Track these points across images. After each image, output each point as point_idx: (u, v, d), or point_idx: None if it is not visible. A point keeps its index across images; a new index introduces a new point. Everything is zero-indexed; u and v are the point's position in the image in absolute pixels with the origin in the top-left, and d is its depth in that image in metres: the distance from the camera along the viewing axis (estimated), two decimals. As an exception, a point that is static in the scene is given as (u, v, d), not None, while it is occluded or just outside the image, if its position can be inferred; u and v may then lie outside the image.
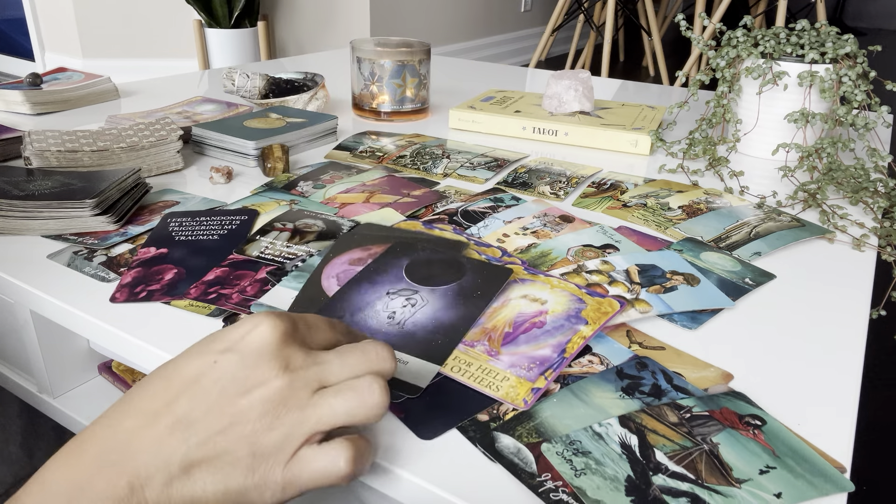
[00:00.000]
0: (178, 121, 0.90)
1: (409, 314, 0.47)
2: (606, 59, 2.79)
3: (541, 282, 0.52)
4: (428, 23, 3.02)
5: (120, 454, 0.31)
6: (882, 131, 0.97)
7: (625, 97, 1.18)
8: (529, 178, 0.76)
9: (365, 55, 0.96)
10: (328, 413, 0.32)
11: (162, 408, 0.32)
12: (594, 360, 0.44)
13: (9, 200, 0.59)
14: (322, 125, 0.87)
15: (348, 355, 0.34)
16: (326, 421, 0.32)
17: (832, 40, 0.81)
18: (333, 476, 0.32)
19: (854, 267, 0.59)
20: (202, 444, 0.31)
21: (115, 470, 0.31)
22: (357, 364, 0.34)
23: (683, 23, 0.83)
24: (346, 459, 0.32)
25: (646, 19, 3.10)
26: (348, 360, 0.34)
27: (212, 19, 2.47)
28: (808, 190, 0.72)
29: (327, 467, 0.32)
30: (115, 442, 0.31)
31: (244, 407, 0.32)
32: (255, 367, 0.32)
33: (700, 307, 0.51)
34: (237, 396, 0.32)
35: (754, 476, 0.35)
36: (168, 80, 1.21)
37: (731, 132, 0.89)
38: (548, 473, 0.35)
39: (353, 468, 0.32)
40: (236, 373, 0.32)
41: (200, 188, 0.72)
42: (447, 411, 0.39)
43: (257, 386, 0.32)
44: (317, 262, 0.55)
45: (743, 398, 0.41)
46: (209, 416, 0.31)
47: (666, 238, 0.63)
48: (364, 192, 0.70)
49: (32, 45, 2.85)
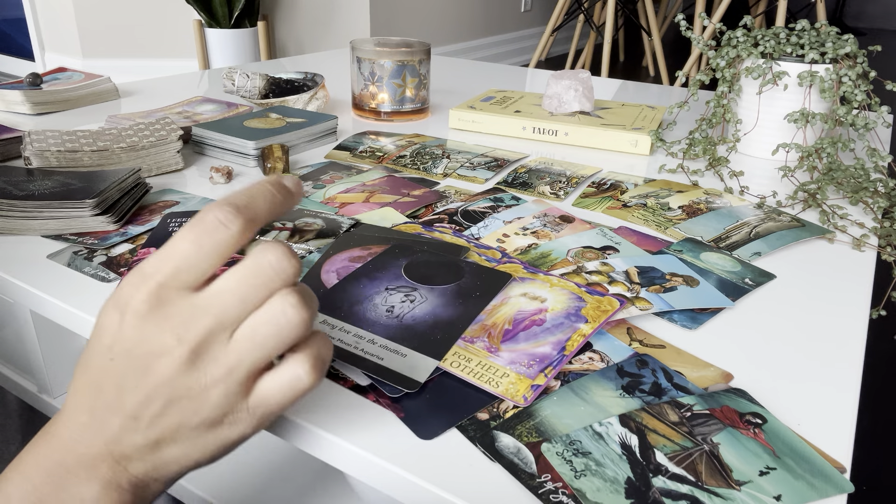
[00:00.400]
0: (178, 121, 0.90)
1: (408, 308, 0.47)
2: (606, 59, 2.79)
3: (540, 280, 0.52)
4: (428, 23, 3.02)
5: (87, 447, 0.32)
6: (882, 131, 0.97)
7: (625, 97, 1.18)
8: (529, 178, 0.76)
9: (365, 55, 0.96)
10: (256, 351, 0.31)
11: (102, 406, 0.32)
12: (594, 357, 0.44)
13: (9, 200, 0.59)
14: (322, 125, 0.87)
15: (242, 285, 0.31)
16: (257, 358, 0.31)
17: (832, 40, 0.81)
18: (301, 391, 0.32)
19: (854, 267, 0.59)
20: (152, 428, 0.32)
21: (91, 454, 0.32)
22: (256, 292, 0.31)
23: (683, 23, 0.83)
24: (307, 371, 0.32)
25: (646, 19, 3.10)
26: (244, 293, 0.31)
27: (212, 19, 2.47)
28: (808, 190, 0.72)
29: (292, 386, 0.32)
30: (81, 436, 0.33)
31: (161, 384, 0.31)
32: (148, 341, 0.31)
33: (699, 306, 0.51)
34: (150, 376, 0.31)
35: (754, 477, 0.35)
36: (168, 80, 1.21)
37: (731, 132, 0.89)
38: (548, 474, 0.35)
39: (316, 376, 0.32)
40: (133, 350, 0.31)
41: (200, 188, 0.72)
42: (447, 410, 0.39)
43: (160, 357, 0.31)
44: (317, 258, 0.55)
45: (744, 395, 0.41)
46: (141, 404, 0.31)
47: (666, 238, 0.63)
48: (364, 192, 0.70)
49: (32, 45, 2.85)
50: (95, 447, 0.32)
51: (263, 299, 0.31)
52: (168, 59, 2.72)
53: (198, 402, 0.31)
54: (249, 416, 0.32)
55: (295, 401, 0.33)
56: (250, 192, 0.32)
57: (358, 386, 0.41)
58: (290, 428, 0.39)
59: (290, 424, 0.39)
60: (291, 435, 0.39)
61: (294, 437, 0.39)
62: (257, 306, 0.31)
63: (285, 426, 0.39)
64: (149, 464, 0.33)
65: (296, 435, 0.39)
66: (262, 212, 0.32)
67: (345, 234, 0.59)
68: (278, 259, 0.31)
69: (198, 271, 0.31)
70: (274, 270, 0.31)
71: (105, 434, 0.32)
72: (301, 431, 0.39)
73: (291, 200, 0.33)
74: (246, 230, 0.31)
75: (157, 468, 0.33)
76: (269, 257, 0.31)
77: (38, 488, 0.32)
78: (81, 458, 0.32)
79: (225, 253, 0.31)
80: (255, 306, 0.31)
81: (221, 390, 0.31)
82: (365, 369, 0.42)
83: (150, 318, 0.31)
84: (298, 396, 0.32)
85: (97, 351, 0.32)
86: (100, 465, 0.32)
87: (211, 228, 0.30)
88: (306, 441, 0.39)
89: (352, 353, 0.43)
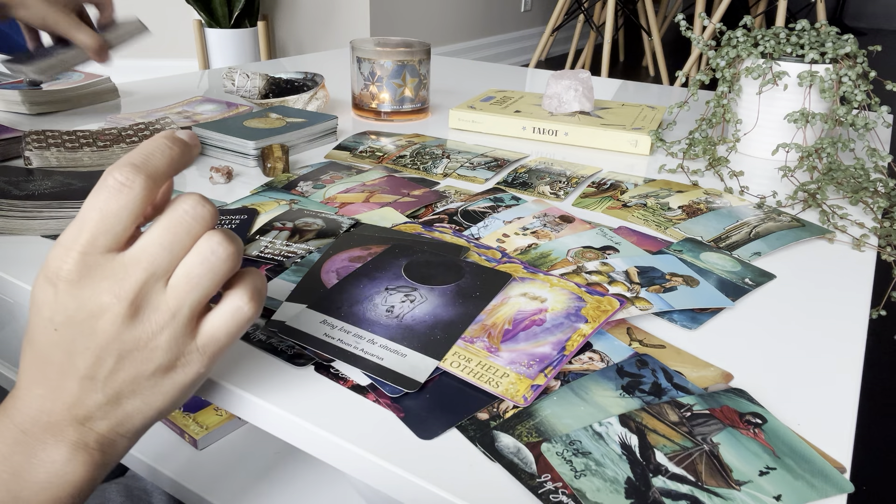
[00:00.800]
0: (178, 121, 0.90)
1: (408, 308, 0.47)
2: (606, 59, 2.79)
3: (540, 280, 0.52)
4: (428, 23, 3.02)
5: (49, 415, 0.33)
6: (882, 131, 0.97)
7: (625, 97, 1.18)
8: (529, 178, 0.76)
9: (365, 55, 0.96)
10: (193, 292, 0.33)
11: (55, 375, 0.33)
12: (594, 356, 0.44)
13: (9, 200, 0.59)
14: (322, 125, 0.87)
15: (165, 235, 0.32)
16: (197, 298, 0.33)
17: (832, 40, 0.81)
18: (244, 321, 0.34)
19: (854, 267, 0.59)
20: (109, 384, 0.33)
21: (55, 421, 0.33)
22: (180, 240, 0.32)
23: (683, 23, 0.83)
24: (246, 303, 0.34)
25: (646, 19, 3.10)
26: (169, 241, 0.32)
27: (212, 19, 2.47)
28: (808, 190, 0.72)
29: (235, 319, 0.34)
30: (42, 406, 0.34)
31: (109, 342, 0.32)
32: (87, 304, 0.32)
33: (699, 306, 0.51)
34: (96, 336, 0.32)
35: (754, 477, 0.35)
36: (168, 80, 1.21)
37: (731, 132, 0.89)
38: (547, 474, 0.35)
39: (255, 306, 0.34)
40: (75, 316, 0.32)
41: (200, 188, 0.72)
42: (446, 410, 0.39)
43: (102, 317, 0.32)
44: (316, 258, 0.55)
45: (744, 395, 0.41)
46: (94, 364, 0.33)
47: (666, 238, 0.63)
48: (364, 192, 0.70)
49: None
50: (57, 414, 0.33)
51: (189, 245, 0.32)
52: (168, 59, 2.72)
53: (147, 350, 0.33)
54: (200, 356, 0.34)
55: (240, 333, 0.35)
56: (146, 148, 0.33)
57: (358, 386, 0.41)
58: (290, 428, 0.39)
59: (290, 424, 0.39)
60: (292, 435, 0.39)
61: (294, 437, 0.39)
62: (184, 252, 0.32)
63: (286, 426, 0.39)
64: (112, 420, 0.34)
65: (296, 435, 0.39)
66: (162, 166, 0.33)
67: (345, 234, 0.59)
68: (193, 206, 0.33)
69: (113, 234, 0.32)
70: (192, 217, 0.32)
71: (64, 399, 0.33)
72: (301, 431, 0.39)
73: (189, 153, 0.34)
74: (148, 186, 0.32)
75: (121, 423, 0.34)
76: (185, 206, 0.32)
77: (7, 458, 0.33)
78: (46, 426, 0.33)
79: (134, 211, 0.32)
80: (182, 252, 0.32)
81: (169, 335, 0.33)
82: (365, 369, 0.42)
83: (82, 283, 0.32)
84: (242, 328, 0.35)
85: (39, 325, 0.33)
86: (65, 429, 0.33)
87: (114, 191, 0.31)
88: (306, 441, 0.39)
89: (352, 353, 0.43)
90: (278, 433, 0.40)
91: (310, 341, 0.44)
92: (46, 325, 0.32)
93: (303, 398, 0.40)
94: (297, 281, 0.52)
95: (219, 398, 0.42)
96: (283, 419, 0.39)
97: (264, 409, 0.40)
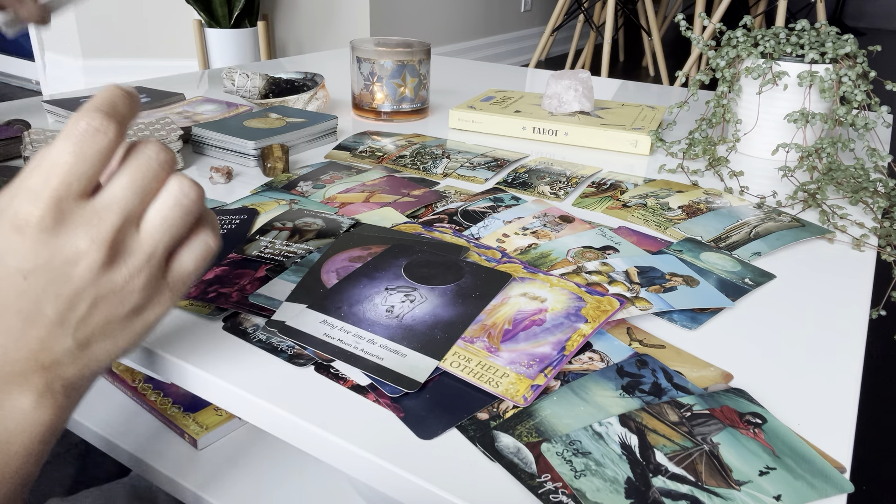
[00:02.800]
0: (178, 121, 0.90)
1: (408, 308, 0.47)
2: (606, 59, 2.79)
3: (540, 280, 0.52)
4: (428, 23, 3.02)
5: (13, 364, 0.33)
6: (882, 131, 0.97)
7: (625, 97, 1.18)
8: (529, 178, 0.76)
9: (365, 55, 0.96)
10: (168, 233, 0.34)
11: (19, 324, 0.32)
12: (594, 356, 0.44)
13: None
14: (322, 125, 0.87)
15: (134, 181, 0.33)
16: (171, 239, 0.34)
17: (832, 40, 0.81)
18: (210, 255, 0.37)
19: (854, 267, 0.59)
20: (81, 329, 0.33)
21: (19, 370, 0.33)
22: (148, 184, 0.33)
23: (683, 23, 0.83)
24: (213, 239, 0.36)
25: (646, 19, 3.10)
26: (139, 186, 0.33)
27: (212, 19, 2.47)
28: (808, 190, 0.72)
29: (204, 255, 0.36)
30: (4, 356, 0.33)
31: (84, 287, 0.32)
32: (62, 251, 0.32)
33: (699, 306, 0.51)
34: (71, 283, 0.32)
35: (754, 477, 0.35)
36: (168, 80, 1.21)
37: (731, 132, 0.89)
38: (547, 474, 0.35)
39: (218, 241, 0.37)
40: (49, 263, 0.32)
41: (200, 188, 0.72)
42: (446, 410, 0.39)
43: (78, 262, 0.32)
44: (316, 258, 0.55)
45: (744, 395, 0.41)
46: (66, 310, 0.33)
47: (666, 238, 0.63)
48: (364, 192, 0.70)
49: (32, 45, 2.85)
50: (21, 362, 0.33)
51: (156, 189, 0.34)
52: (168, 59, 2.72)
53: (123, 294, 0.33)
54: (171, 293, 0.36)
55: (205, 267, 0.37)
56: (107, 97, 0.33)
57: (358, 386, 0.41)
58: (290, 428, 0.39)
59: (290, 424, 0.39)
60: (292, 435, 0.39)
61: (294, 437, 0.39)
62: (152, 197, 0.34)
63: (286, 426, 0.39)
64: (80, 363, 0.34)
65: (296, 435, 0.39)
66: (126, 112, 0.34)
67: (345, 234, 0.59)
68: (157, 152, 0.34)
69: (86, 179, 0.32)
70: (157, 162, 0.34)
71: (29, 347, 0.33)
72: (301, 432, 0.39)
73: (136, 101, 0.35)
74: (120, 133, 0.33)
75: (87, 366, 0.35)
76: (149, 152, 0.34)
77: None
78: (10, 375, 0.33)
79: (106, 158, 0.32)
80: (150, 197, 0.34)
81: (145, 277, 0.34)
82: (365, 369, 0.42)
83: (57, 230, 0.32)
84: (208, 262, 0.37)
85: (2, 275, 0.32)
86: (31, 376, 0.33)
87: (90, 137, 0.32)
88: (307, 441, 0.39)
89: (352, 353, 0.43)
90: (278, 433, 0.40)
91: (310, 341, 0.44)
92: (14, 274, 0.32)
93: (303, 398, 0.40)
94: (297, 281, 0.52)
95: (218, 398, 0.42)
96: (283, 419, 0.39)
97: (264, 409, 0.40)
